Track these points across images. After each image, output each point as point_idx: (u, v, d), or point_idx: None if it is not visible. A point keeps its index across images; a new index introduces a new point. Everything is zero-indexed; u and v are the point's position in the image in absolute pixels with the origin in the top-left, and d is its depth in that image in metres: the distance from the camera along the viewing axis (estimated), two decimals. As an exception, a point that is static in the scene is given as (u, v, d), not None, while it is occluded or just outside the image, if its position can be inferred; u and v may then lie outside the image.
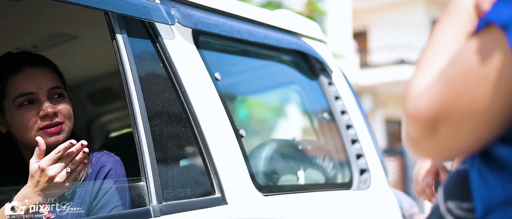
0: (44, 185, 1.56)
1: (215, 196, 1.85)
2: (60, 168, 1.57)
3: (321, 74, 2.62)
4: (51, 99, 1.71)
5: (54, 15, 2.43)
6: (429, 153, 0.89)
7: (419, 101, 0.83)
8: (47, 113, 1.67)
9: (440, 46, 0.89)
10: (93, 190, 1.66)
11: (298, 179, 2.41)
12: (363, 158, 2.62)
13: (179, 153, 1.83)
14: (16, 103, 1.68)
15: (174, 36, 1.95)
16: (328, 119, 2.60)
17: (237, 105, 2.62)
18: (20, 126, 1.67)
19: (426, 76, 0.86)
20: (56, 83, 1.76)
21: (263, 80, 2.59)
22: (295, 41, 2.49)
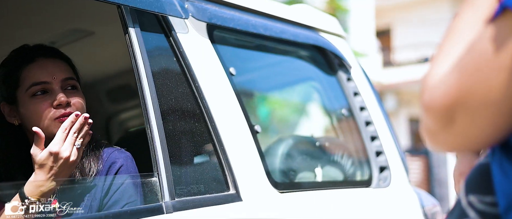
0: (59, 169, 1.56)
1: (229, 193, 1.82)
2: (71, 147, 1.58)
3: (340, 70, 2.57)
4: (65, 90, 1.71)
5: (70, 10, 2.43)
6: (447, 145, 0.87)
7: (435, 91, 0.81)
8: (60, 102, 1.66)
9: (458, 34, 0.87)
10: (104, 187, 1.65)
11: (316, 176, 2.36)
12: (383, 155, 2.56)
13: (193, 148, 1.80)
14: (29, 92, 1.67)
15: (188, 30, 1.92)
16: (346, 116, 2.55)
17: (258, 103, 2.58)
18: (33, 116, 1.66)
19: (443, 65, 0.83)
20: (70, 74, 1.76)
21: (280, 75, 2.56)
22: (312, 35, 2.45)
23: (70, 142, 1.58)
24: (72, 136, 1.59)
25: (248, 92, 2.27)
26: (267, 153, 2.20)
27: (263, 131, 2.14)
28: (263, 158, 1.96)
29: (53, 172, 1.56)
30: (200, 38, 1.95)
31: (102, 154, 1.72)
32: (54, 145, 1.56)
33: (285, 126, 2.68)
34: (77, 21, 2.51)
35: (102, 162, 1.70)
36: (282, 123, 2.64)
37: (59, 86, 1.70)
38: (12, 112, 1.71)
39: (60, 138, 1.57)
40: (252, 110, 2.25)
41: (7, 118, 1.72)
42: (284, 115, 2.62)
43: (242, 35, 2.15)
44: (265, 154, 2.17)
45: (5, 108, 1.72)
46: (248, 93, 2.26)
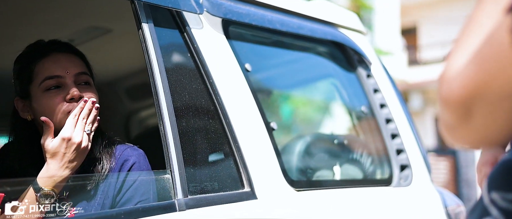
0: (71, 156, 1.58)
1: (244, 190, 1.79)
2: (82, 132, 1.61)
3: (359, 66, 2.52)
4: (78, 85, 1.70)
5: (88, 8, 2.43)
6: (465, 140, 0.84)
7: (452, 83, 0.78)
8: (73, 96, 1.65)
9: (476, 25, 0.83)
10: (116, 184, 1.64)
11: (334, 174, 2.32)
12: (404, 153, 2.51)
13: (207, 145, 1.77)
14: (42, 86, 1.67)
15: (203, 25, 1.89)
16: (366, 113, 2.50)
17: (278, 101, 2.55)
18: (46, 110, 1.65)
19: (461, 57, 0.80)
20: (83, 69, 1.75)
21: (297, 72, 2.51)
22: (331, 31, 2.40)
23: (81, 127, 1.61)
24: (82, 121, 1.62)
25: (265, 88, 2.24)
26: (284, 151, 2.17)
27: (287, 130, 2.11)
28: (279, 156, 1.93)
29: (66, 159, 1.58)
30: (215, 34, 1.92)
31: (115, 152, 1.71)
32: (65, 131, 1.59)
33: (305, 124, 2.64)
34: (94, 19, 2.50)
35: (114, 160, 1.68)
36: (303, 121, 2.60)
37: (72, 81, 1.69)
38: (26, 107, 1.71)
39: (71, 124, 1.60)
40: (269, 107, 2.21)
41: (21, 114, 1.72)
42: (305, 113, 2.57)
43: (258, 30, 2.12)
44: (282, 152, 2.13)
45: (19, 103, 1.72)
46: (265, 90, 2.22)
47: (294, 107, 2.77)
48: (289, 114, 2.79)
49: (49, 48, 1.75)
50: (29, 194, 1.54)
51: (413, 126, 2.67)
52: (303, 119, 2.67)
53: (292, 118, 2.83)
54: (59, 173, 1.57)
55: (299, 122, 2.62)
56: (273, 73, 2.41)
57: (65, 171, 1.58)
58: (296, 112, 2.67)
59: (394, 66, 15.87)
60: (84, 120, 1.62)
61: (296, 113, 2.55)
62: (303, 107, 2.61)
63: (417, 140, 2.65)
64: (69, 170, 1.59)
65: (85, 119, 1.63)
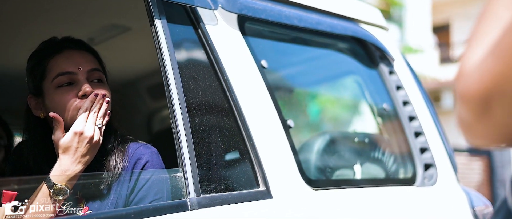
0: (84, 150, 1.57)
1: (259, 189, 1.75)
2: (94, 126, 1.61)
3: (381, 63, 2.46)
4: (91, 82, 1.70)
5: (107, 6, 2.42)
6: (484, 137, 0.79)
7: (469, 78, 0.74)
8: (85, 92, 1.65)
9: (494, 17, 0.78)
10: (129, 184, 1.62)
11: (354, 173, 2.26)
12: (429, 152, 2.44)
13: (220, 143, 1.74)
14: (55, 83, 1.67)
15: (218, 22, 1.86)
16: (388, 111, 2.44)
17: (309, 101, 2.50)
18: (59, 107, 1.65)
19: (479, 50, 0.76)
20: (96, 66, 1.74)
21: (317, 69, 2.46)
22: (351, 27, 2.35)
23: (92, 121, 1.61)
24: (93, 115, 1.61)
25: (282, 86, 2.19)
26: (302, 149, 2.12)
27: (315, 129, 2.07)
28: (296, 154, 1.88)
29: (78, 153, 1.57)
30: (230, 30, 1.89)
31: (127, 150, 1.69)
32: (77, 125, 1.59)
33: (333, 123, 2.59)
34: (113, 17, 2.50)
35: (127, 158, 1.67)
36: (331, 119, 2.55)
37: (84, 77, 1.68)
38: (39, 105, 1.71)
39: (82, 118, 1.60)
40: (287, 104, 2.17)
41: (33, 112, 1.72)
42: (333, 112, 2.52)
43: (275, 26, 2.07)
44: (299, 150, 2.09)
45: (32, 101, 1.72)
46: (282, 87, 2.17)
47: (322, 106, 2.71)
48: (316, 113, 2.74)
49: (63, 45, 1.75)
50: (43, 191, 1.54)
51: (438, 124, 2.60)
52: (331, 118, 2.61)
53: (319, 117, 2.77)
54: (72, 168, 1.57)
55: (327, 121, 2.56)
56: (291, 70, 2.36)
57: (78, 166, 1.58)
58: (324, 111, 2.61)
59: (425, 64, 15.62)
60: (95, 114, 1.62)
61: (324, 112, 2.49)
62: (332, 106, 2.56)
63: (442, 139, 2.57)
64: (81, 165, 1.58)
65: (96, 113, 1.63)
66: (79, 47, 1.77)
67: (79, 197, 1.62)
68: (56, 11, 2.39)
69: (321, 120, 2.51)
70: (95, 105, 1.63)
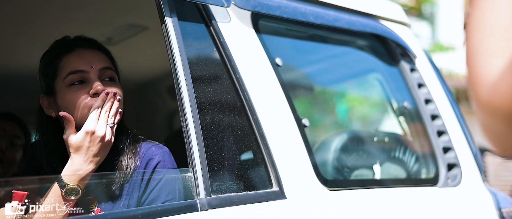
0: (95, 149, 1.56)
1: (272, 190, 1.71)
2: (105, 125, 1.60)
3: (402, 60, 2.39)
4: (102, 81, 1.69)
5: (125, 5, 2.42)
6: None
7: (496, 90, 0.70)
8: (97, 90, 1.64)
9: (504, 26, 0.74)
10: (141, 185, 1.60)
11: (373, 173, 2.21)
12: (452, 151, 2.36)
13: (232, 143, 1.71)
14: (66, 81, 1.66)
15: (230, 19, 1.83)
16: (409, 109, 2.37)
17: (326, 99, 2.45)
18: (70, 105, 1.64)
19: (497, 61, 0.72)
20: (108, 64, 1.73)
21: (334, 67, 2.41)
22: (371, 23, 2.29)
23: (104, 120, 1.60)
24: (105, 114, 1.60)
25: (297, 84, 2.15)
26: (319, 149, 2.08)
27: (331, 128, 2.02)
28: (311, 154, 1.84)
29: (90, 153, 1.56)
30: (243, 28, 1.86)
31: (139, 150, 1.67)
32: (88, 124, 1.58)
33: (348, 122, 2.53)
34: (131, 16, 2.49)
35: (139, 158, 1.65)
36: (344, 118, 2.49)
37: (96, 76, 1.68)
38: (51, 104, 1.71)
39: (94, 117, 1.59)
40: (303, 103, 2.13)
41: (46, 111, 1.71)
42: (361, 111, 2.47)
43: (291, 24, 2.03)
44: (316, 150, 2.05)
45: (44, 100, 1.72)
46: (298, 85, 2.13)
47: (340, 105, 2.66)
48: (333, 112, 2.69)
49: (75, 44, 1.75)
50: (54, 191, 1.53)
51: (463, 122, 2.52)
52: (350, 117, 2.56)
53: (336, 116, 2.72)
54: (83, 167, 1.56)
55: (346, 120, 2.51)
56: (307, 68, 2.32)
57: (90, 166, 1.57)
58: (342, 110, 2.56)
59: (457, 61, 15.34)
60: (107, 113, 1.61)
61: (342, 111, 2.44)
62: (350, 105, 2.51)
63: (467, 138, 2.49)
64: (93, 164, 1.57)
65: (107, 112, 1.61)
66: (91, 46, 1.77)
67: (92, 198, 1.61)
68: (73, 11, 2.39)
69: (339, 119, 2.45)
70: (106, 104, 1.62)
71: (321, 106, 2.30)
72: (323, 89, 2.40)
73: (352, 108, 2.41)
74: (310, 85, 2.30)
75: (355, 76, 2.47)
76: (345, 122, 2.42)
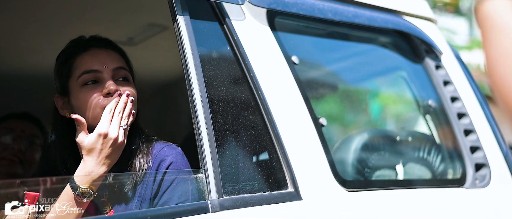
0: (108, 151, 1.55)
1: (287, 191, 1.67)
2: (118, 127, 1.58)
3: (427, 57, 2.32)
4: (116, 81, 1.67)
5: (144, 5, 2.41)
6: None
7: None
8: (109, 90, 1.63)
9: None
10: (153, 187, 1.58)
11: (395, 174, 2.14)
12: (481, 151, 2.28)
13: (246, 143, 1.67)
14: (80, 81, 1.66)
15: (245, 17, 1.80)
16: (434, 107, 2.29)
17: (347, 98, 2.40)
18: (83, 105, 1.64)
19: None
20: (122, 64, 1.72)
21: (355, 64, 2.35)
22: (393, 19, 2.22)
23: (117, 122, 1.58)
24: (118, 116, 1.59)
25: (315, 82, 2.09)
26: (337, 149, 2.02)
27: (351, 127, 1.97)
28: (328, 154, 1.79)
29: (103, 155, 1.55)
30: (258, 25, 1.82)
31: (152, 150, 1.65)
32: (101, 127, 1.56)
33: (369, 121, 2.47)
34: (151, 16, 2.48)
35: (151, 159, 1.63)
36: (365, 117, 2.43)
37: (109, 75, 1.67)
38: (65, 105, 1.71)
39: (107, 119, 1.57)
40: (321, 102, 2.08)
41: (60, 111, 1.71)
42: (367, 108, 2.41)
43: (308, 21, 1.98)
44: (334, 150, 2.00)
45: (58, 101, 1.72)
46: (315, 84, 2.08)
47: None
48: (378, 111, 2.63)
49: (89, 44, 1.74)
50: (67, 193, 1.53)
51: (493, 121, 2.43)
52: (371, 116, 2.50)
53: (381, 115, 2.66)
54: (96, 169, 1.55)
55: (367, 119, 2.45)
56: (325, 66, 2.26)
57: (102, 168, 1.56)
58: (363, 109, 2.50)
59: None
60: (120, 115, 1.59)
61: (363, 110, 2.38)
62: (372, 103, 2.44)
63: (497, 137, 2.40)
64: (106, 167, 1.56)
65: (121, 114, 1.60)
66: (106, 46, 1.76)
67: (105, 200, 1.60)
68: (94, 11, 2.40)
69: (360, 118, 2.39)
70: (119, 105, 1.61)
71: (341, 105, 2.24)
72: (343, 88, 2.34)
73: (373, 107, 2.35)
74: (328, 84, 2.24)
75: (377, 75, 2.41)
76: (378, 121, 2.35)
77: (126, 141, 1.61)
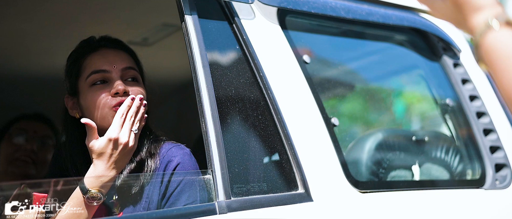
0: (118, 156, 1.54)
1: (297, 192, 1.65)
2: (129, 132, 1.56)
3: (445, 54, 2.26)
4: (125, 81, 1.67)
5: (158, 5, 2.41)
6: None
7: None
8: (117, 90, 1.62)
9: None
10: (160, 188, 1.57)
11: (411, 174, 2.09)
12: (501, 151, 2.21)
13: (255, 143, 1.65)
14: (89, 81, 1.65)
15: (255, 16, 1.78)
16: (452, 106, 2.24)
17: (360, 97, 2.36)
18: (92, 105, 1.63)
19: None
20: (131, 64, 1.71)
21: (369, 63, 2.30)
22: (409, 17, 2.17)
23: (128, 127, 1.56)
24: (129, 121, 1.57)
25: (327, 81, 2.06)
26: (351, 149, 1.99)
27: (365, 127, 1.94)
28: (340, 154, 1.76)
29: (113, 159, 1.54)
30: (269, 24, 1.80)
31: (159, 151, 1.64)
32: (112, 131, 1.54)
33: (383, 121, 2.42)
34: (165, 16, 2.48)
35: (159, 159, 1.62)
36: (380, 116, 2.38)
37: (118, 75, 1.66)
38: (74, 105, 1.71)
39: (118, 124, 1.55)
40: (333, 101, 2.04)
41: (70, 112, 1.72)
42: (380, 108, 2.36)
43: (320, 19, 1.95)
44: (348, 150, 1.96)
45: (68, 101, 1.72)
46: (328, 83, 2.04)
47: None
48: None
49: (99, 44, 1.75)
50: (77, 196, 1.52)
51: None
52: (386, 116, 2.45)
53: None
54: (106, 173, 1.54)
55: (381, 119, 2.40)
56: (338, 65, 2.22)
57: (112, 172, 1.55)
58: (376, 108, 2.45)
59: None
60: (132, 119, 1.57)
61: (377, 110, 2.33)
62: (386, 103, 2.39)
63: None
64: (116, 171, 1.56)
65: (132, 118, 1.58)
66: (116, 46, 1.76)
67: (115, 202, 1.60)
68: (108, 13, 2.40)
69: (374, 118, 2.35)
70: (131, 109, 1.58)
71: (354, 104, 2.20)
72: (359, 87, 2.30)
73: (387, 106, 2.30)
74: (343, 83, 2.21)
75: (390, 73, 2.36)
76: (381, 121, 2.31)
77: (136, 145, 1.60)
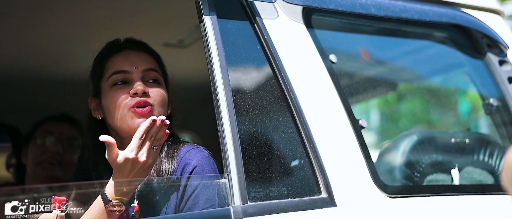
0: (137, 172, 1.50)
1: (320, 197, 1.58)
2: (148, 151, 1.49)
3: (489, 52, 2.13)
4: (146, 82, 1.66)
5: (192, 7, 2.38)
6: None
7: None
8: (136, 90, 1.61)
9: None
10: (178, 193, 1.54)
11: (450, 178, 1.97)
12: (553, 154, 2.06)
13: (275, 146, 1.60)
14: (110, 82, 1.66)
15: (278, 15, 1.73)
16: (496, 106, 2.10)
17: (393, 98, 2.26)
18: (112, 105, 1.63)
19: None
20: (152, 66, 1.70)
21: (404, 62, 2.19)
22: (448, 12, 2.06)
23: (147, 147, 1.49)
24: (149, 140, 1.50)
25: (356, 82, 1.97)
26: (382, 152, 1.90)
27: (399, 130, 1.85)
28: (368, 157, 1.68)
29: (132, 174, 1.51)
30: (293, 24, 1.74)
31: (177, 153, 1.62)
32: (130, 151, 1.48)
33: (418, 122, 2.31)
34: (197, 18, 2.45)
35: (176, 162, 1.59)
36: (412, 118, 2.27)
37: (139, 77, 1.66)
38: (97, 106, 1.71)
39: (136, 144, 1.48)
40: (364, 102, 1.96)
41: (93, 113, 1.72)
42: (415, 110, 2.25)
43: (349, 17, 1.87)
44: (379, 153, 1.88)
45: (92, 102, 1.73)
46: (356, 84, 1.96)
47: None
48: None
49: (123, 46, 1.76)
50: (99, 204, 1.51)
51: None
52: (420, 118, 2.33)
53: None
54: (127, 186, 1.52)
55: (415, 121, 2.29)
56: (368, 65, 2.13)
57: (133, 186, 1.53)
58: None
59: None
60: (152, 139, 1.50)
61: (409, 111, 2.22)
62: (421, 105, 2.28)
63: None
64: (135, 185, 1.53)
65: (153, 138, 1.50)
66: (139, 48, 1.75)
67: (135, 206, 1.58)
68: (139, 15, 2.40)
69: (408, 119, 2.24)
70: (153, 130, 1.50)
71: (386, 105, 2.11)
72: (391, 87, 2.20)
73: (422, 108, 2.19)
74: (372, 83, 2.11)
75: (428, 72, 2.25)
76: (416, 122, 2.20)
77: (156, 159, 1.56)
